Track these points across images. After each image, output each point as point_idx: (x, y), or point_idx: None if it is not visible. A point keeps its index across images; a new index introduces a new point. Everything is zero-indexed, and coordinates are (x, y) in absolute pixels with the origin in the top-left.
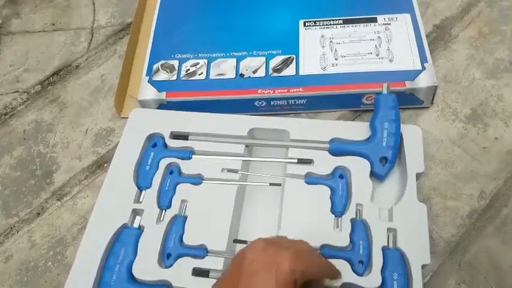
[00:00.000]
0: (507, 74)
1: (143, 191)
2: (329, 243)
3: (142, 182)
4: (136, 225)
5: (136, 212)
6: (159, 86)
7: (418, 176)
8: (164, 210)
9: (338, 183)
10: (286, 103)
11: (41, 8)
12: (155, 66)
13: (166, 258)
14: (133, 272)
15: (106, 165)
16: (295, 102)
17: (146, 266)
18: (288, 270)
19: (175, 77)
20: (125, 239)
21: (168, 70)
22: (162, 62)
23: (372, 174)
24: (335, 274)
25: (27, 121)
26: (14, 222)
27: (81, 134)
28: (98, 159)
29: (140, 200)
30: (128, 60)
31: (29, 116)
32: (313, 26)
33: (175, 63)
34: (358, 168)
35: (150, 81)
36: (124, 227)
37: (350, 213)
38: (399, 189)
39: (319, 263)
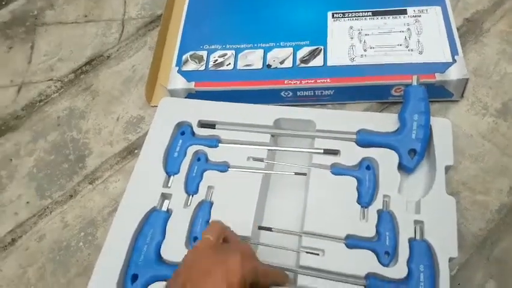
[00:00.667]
0: None
1: (172, 177)
2: (354, 233)
3: (170, 167)
4: (164, 208)
5: (164, 196)
6: (188, 76)
7: (447, 169)
8: (191, 196)
9: (365, 174)
10: (312, 94)
11: None
12: (184, 57)
13: (193, 241)
14: (161, 252)
15: (136, 151)
16: (322, 93)
17: (173, 248)
18: (238, 271)
19: (203, 67)
20: (154, 221)
21: (197, 61)
22: (191, 52)
23: (401, 167)
24: (283, 278)
25: (61, 108)
26: (48, 203)
27: (112, 121)
28: (129, 145)
29: (169, 185)
30: (158, 51)
31: (62, 104)
32: (342, 17)
33: (204, 54)
34: (386, 159)
35: (179, 72)
36: (153, 210)
37: (377, 204)
38: (428, 182)
39: (265, 267)
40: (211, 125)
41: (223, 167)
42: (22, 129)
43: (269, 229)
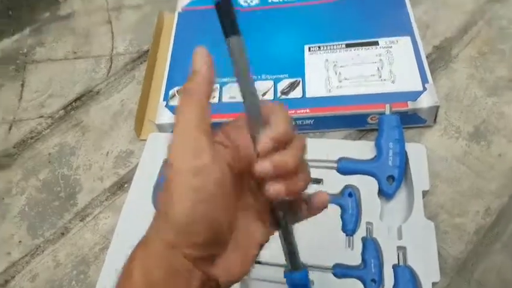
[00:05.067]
0: (507, 91)
1: None
2: (341, 262)
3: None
4: None
5: None
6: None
7: (424, 193)
8: None
9: (348, 202)
10: (294, 124)
11: (64, 36)
12: (171, 92)
13: None
14: None
15: (126, 185)
16: (302, 122)
17: None
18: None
19: None
20: None
21: None
22: (178, 87)
23: (380, 193)
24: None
25: (52, 145)
26: (40, 242)
27: (102, 156)
28: (118, 180)
29: None
30: (146, 85)
31: (53, 140)
32: (318, 50)
33: None
34: (366, 186)
35: (167, 106)
36: None
37: (361, 232)
38: (407, 207)
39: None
40: None
41: None
42: (14, 167)
43: (258, 262)
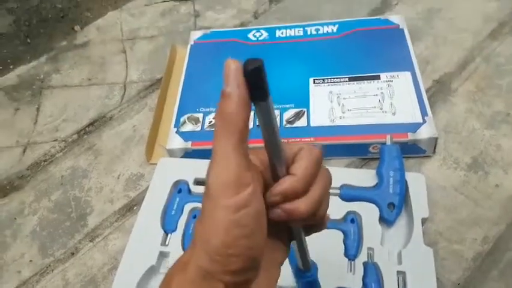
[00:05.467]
0: (504, 125)
1: (169, 234)
2: (343, 286)
3: (168, 225)
4: (163, 267)
5: (163, 255)
6: (185, 136)
7: (424, 221)
8: None
9: (350, 228)
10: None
11: (79, 64)
12: (182, 119)
13: None
14: None
15: (135, 208)
16: None
17: None
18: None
19: (199, 128)
20: None
21: (194, 122)
22: (188, 115)
23: (381, 219)
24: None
25: (65, 167)
26: (50, 261)
27: (113, 179)
28: (128, 202)
29: (167, 243)
30: (158, 112)
31: (66, 163)
32: (322, 83)
33: (200, 116)
34: (368, 213)
35: (178, 132)
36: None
37: (362, 256)
38: (407, 234)
39: None
40: None
41: None
42: (27, 188)
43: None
